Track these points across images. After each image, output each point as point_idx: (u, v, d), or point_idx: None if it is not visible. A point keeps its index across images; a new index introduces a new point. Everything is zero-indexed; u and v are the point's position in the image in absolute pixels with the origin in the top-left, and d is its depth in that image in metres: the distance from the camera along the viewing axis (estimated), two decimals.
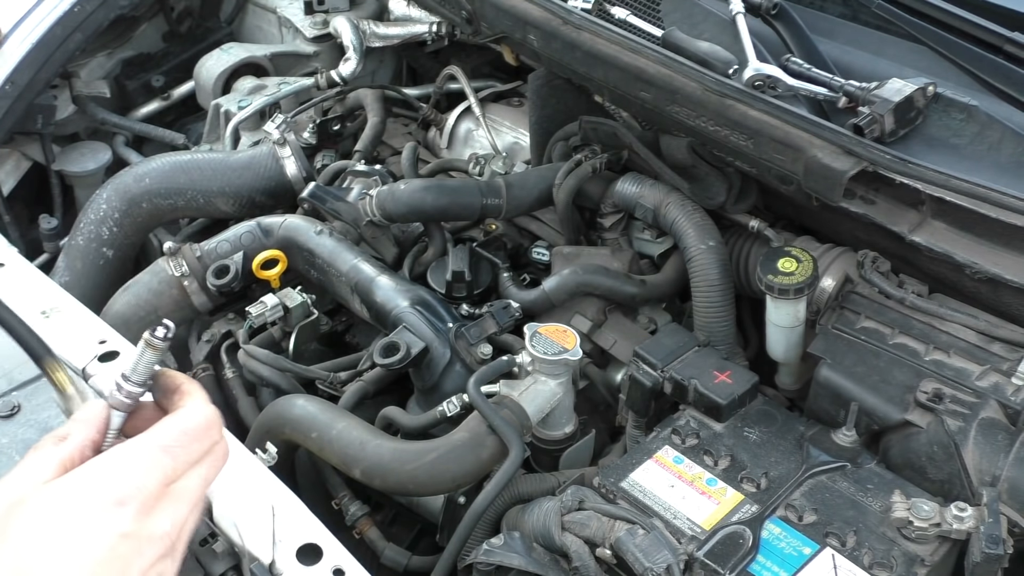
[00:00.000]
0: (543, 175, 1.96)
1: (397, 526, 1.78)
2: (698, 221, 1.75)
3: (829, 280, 1.62)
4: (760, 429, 1.47)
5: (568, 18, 1.75)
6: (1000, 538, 1.22)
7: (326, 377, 1.77)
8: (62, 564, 0.69)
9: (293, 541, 1.23)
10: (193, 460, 0.78)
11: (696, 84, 1.58)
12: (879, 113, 1.46)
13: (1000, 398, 1.40)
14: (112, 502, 0.72)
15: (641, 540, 1.28)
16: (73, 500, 0.71)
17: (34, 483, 0.73)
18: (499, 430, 1.46)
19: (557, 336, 1.55)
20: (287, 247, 1.94)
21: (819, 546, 1.28)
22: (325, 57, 2.67)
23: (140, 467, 0.74)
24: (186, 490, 0.77)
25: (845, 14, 1.85)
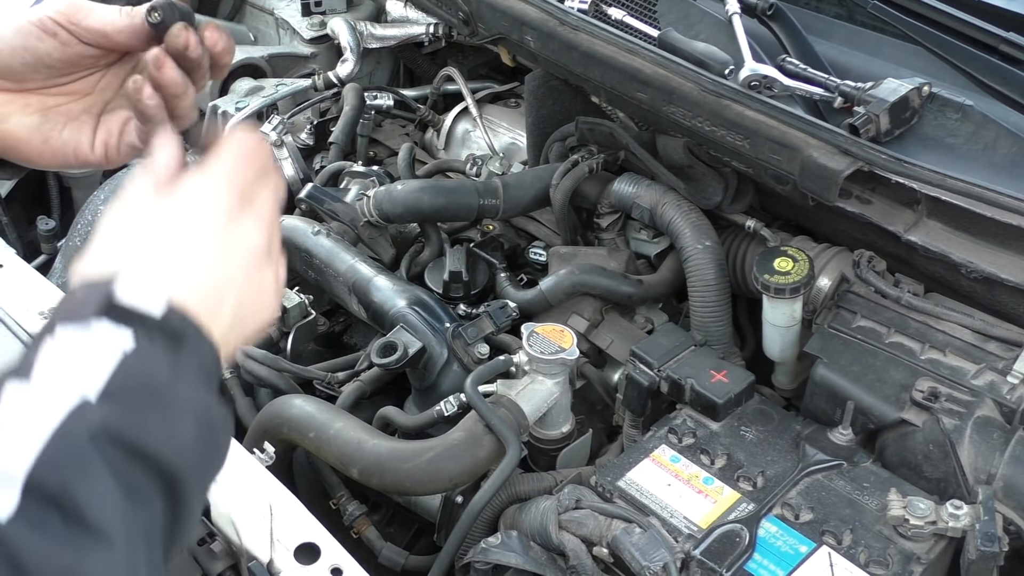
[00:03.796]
0: (540, 175, 1.97)
1: (395, 525, 1.78)
2: (694, 221, 1.75)
3: (825, 280, 1.62)
4: (757, 428, 1.48)
5: (565, 19, 1.75)
6: (995, 536, 1.22)
7: (324, 377, 1.77)
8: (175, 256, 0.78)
9: (291, 540, 1.24)
10: (255, 168, 0.87)
11: (692, 84, 1.58)
12: (875, 113, 1.46)
13: (996, 397, 1.40)
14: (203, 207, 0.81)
15: (638, 539, 1.29)
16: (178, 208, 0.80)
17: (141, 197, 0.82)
18: (496, 429, 1.46)
19: (554, 336, 1.55)
20: (284, 247, 1.92)
21: (815, 544, 1.29)
22: (322, 58, 2.67)
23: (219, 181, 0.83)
24: (259, 204, 0.86)
25: (841, 14, 1.85)
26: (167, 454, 0.70)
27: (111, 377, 0.69)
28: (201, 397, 0.74)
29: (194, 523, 0.77)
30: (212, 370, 0.77)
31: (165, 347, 0.72)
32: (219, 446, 0.78)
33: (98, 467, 0.67)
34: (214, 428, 0.76)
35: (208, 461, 0.76)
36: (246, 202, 0.84)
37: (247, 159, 0.86)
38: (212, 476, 0.79)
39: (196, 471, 0.73)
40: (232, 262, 0.81)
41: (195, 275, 0.78)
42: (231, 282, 0.80)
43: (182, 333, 0.74)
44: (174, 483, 0.71)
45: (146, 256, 0.77)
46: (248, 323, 0.83)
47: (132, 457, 0.68)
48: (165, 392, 0.71)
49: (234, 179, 0.84)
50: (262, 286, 0.84)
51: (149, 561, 0.70)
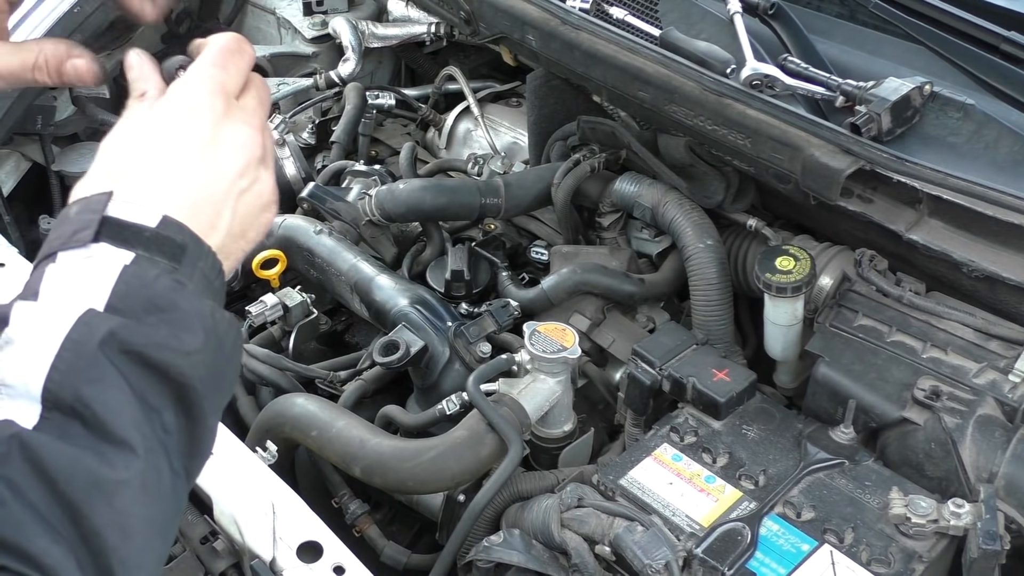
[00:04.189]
0: (541, 175, 1.97)
1: (397, 524, 1.78)
2: (696, 220, 1.76)
3: (827, 278, 1.62)
4: (758, 427, 1.48)
5: (566, 18, 1.75)
6: (997, 534, 1.22)
7: (326, 376, 1.77)
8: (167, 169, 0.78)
9: (293, 539, 1.24)
10: (241, 70, 0.86)
11: (694, 84, 1.58)
12: (876, 112, 1.47)
13: (997, 395, 1.40)
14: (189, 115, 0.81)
15: (640, 537, 1.29)
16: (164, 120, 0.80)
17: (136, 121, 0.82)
18: (498, 428, 1.46)
19: (556, 335, 1.55)
20: (287, 247, 1.94)
21: (817, 543, 1.29)
22: (324, 58, 2.68)
23: (204, 86, 0.82)
24: (247, 106, 0.85)
25: (842, 14, 1.85)
26: (177, 364, 0.71)
27: (113, 289, 0.70)
28: (207, 307, 0.75)
29: (212, 436, 0.78)
30: (215, 280, 0.78)
31: (165, 258, 0.73)
32: (230, 355, 0.78)
33: (112, 377, 0.68)
34: (223, 338, 0.76)
35: (220, 371, 0.76)
36: (233, 104, 0.83)
37: (229, 59, 0.85)
38: (227, 387, 0.80)
39: (208, 381, 0.74)
40: (225, 169, 0.80)
41: (187, 185, 0.78)
42: (227, 190, 0.80)
43: (181, 244, 0.74)
44: (186, 393, 0.72)
45: (137, 172, 0.77)
46: (249, 230, 0.83)
47: (142, 367, 0.70)
48: (169, 303, 0.72)
49: (218, 81, 0.83)
50: (260, 189, 0.84)
51: (172, 470, 0.72)
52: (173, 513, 0.74)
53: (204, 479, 1.34)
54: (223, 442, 1.39)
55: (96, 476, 0.66)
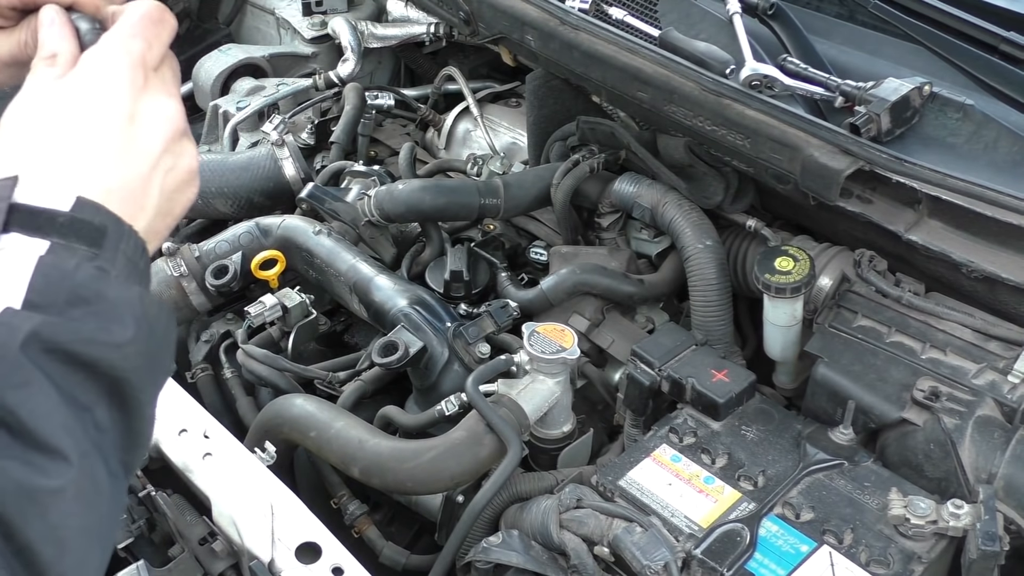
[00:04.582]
0: (541, 175, 1.97)
1: (396, 525, 1.78)
2: (695, 220, 1.76)
3: (826, 279, 1.62)
4: (757, 427, 1.48)
5: (566, 18, 1.75)
6: (996, 535, 1.22)
7: (325, 377, 1.77)
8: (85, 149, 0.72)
9: (292, 540, 1.24)
10: (163, 42, 0.81)
11: (693, 84, 1.58)
12: (875, 112, 1.46)
13: (996, 396, 1.40)
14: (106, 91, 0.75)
15: (639, 538, 1.29)
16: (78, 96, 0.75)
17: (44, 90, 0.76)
18: (497, 429, 1.46)
19: (555, 335, 1.55)
20: (286, 247, 1.94)
21: (816, 544, 1.29)
22: (323, 58, 2.68)
23: (121, 58, 0.77)
24: (166, 78, 0.80)
25: (842, 14, 1.85)
26: (108, 358, 0.67)
27: (31, 283, 0.65)
28: (135, 293, 0.70)
29: (150, 426, 0.73)
30: (140, 261, 0.73)
31: (83, 244, 0.68)
32: (163, 340, 0.74)
33: (38, 380, 0.64)
34: (155, 323, 0.72)
35: (155, 359, 0.72)
36: (152, 76, 0.79)
37: (151, 30, 0.80)
38: (162, 373, 0.75)
39: (143, 371, 0.70)
40: (150, 146, 0.76)
41: (107, 165, 0.73)
42: (152, 167, 0.76)
43: (100, 227, 0.70)
44: (120, 387, 0.68)
45: (46, 151, 0.72)
46: (176, 205, 0.79)
47: (70, 365, 0.65)
48: (94, 293, 0.67)
49: (138, 54, 0.78)
50: (185, 163, 0.79)
51: (109, 471, 0.67)
52: (111, 518, 0.70)
53: (203, 480, 1.34)
54: (222, 442, 1.39)
55: (27, 488, 0.62)
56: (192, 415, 1.44)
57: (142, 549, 1.35)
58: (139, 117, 0.76)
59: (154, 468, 1.41)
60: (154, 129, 0.77)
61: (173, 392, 1.48)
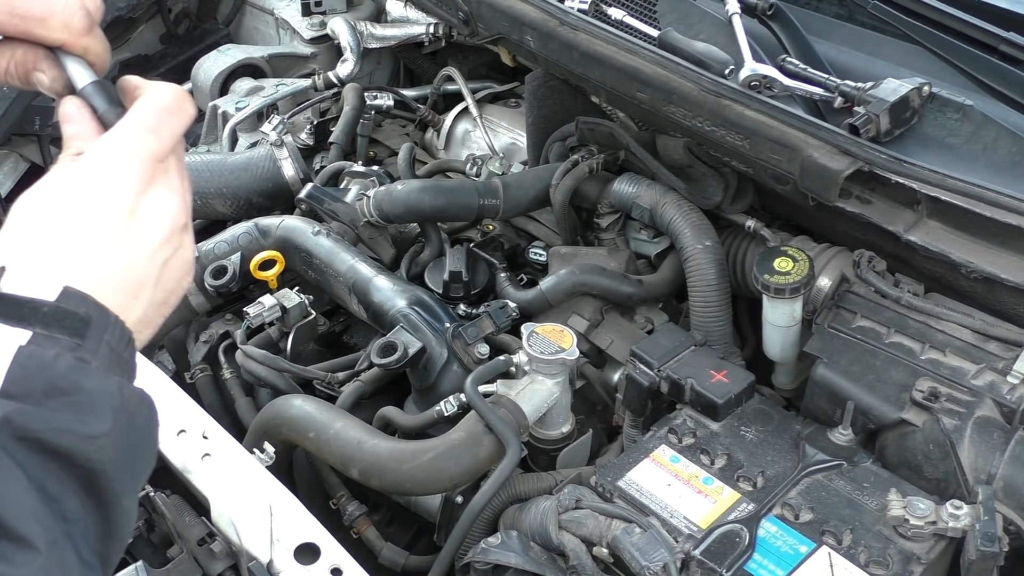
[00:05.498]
0: (540, 176, 1.97)
1: (395, 526, 1.78)
2: (694, 221, 1.75)
3: (825, 279, 1.62)
4: (757, 428, 1.47)
5: (565, 19, 1.75)
6: (996, 536, 1.22)
7: (324, 377, 1.77)
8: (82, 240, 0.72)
9: (291, 541, 1.24)
10: (175, 134, 0.80)
11: (692, 84, 1.58)
12: (875, 113, 1.46)
13: (996, 397, 1.40)
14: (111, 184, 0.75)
15: (638, 539, 1.29)
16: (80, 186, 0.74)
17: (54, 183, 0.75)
18: (496, 429, 1.46)
19: (554, 336, 1.55)
20: (285, 248, 1.94)
21: (815, 544, 1.29)
22: (322, 58, 2.68)
23: (131, 150, 0.76)
24: (171, 169, 0.80)
25: (841, 14, 1.85)
26: (82, 449, 0.66)
27: (8, 373, 0.65)
28: (113, 384, 0.70)
29: (130, 518, 0.73)
30: (124, 351, 0.72)
31: (66, 334, 0.68)
32: (143, 432, 0.73)
33: (7, 467, 0.63)
34: (134, 415, 0.71)
35: (133, 450, 0.71)
36: (159, 169, 0.78)
37: (165, 121, 0.79)
38: (142, 464, 0.74)
39: (120, 464, 0.69)
40: (148, 240, 0.76)
41: (101, 256, 0.73)
42: (149, 260, 0.76)
43: (84, 317, 0.69)
44: (94, 479, 0.67)
45: (38, 240, 0.72)
46: (171, 296, 0.79)
47: (41, 454, 0.65)
48: (71, 384, 0.67)
49: (148, 148, 0.77)
50: (182, 255, 0.79)
51: (82, 560, 0.67)
52: None
53: (202, 480, 1.34)
54: (221, 443, 1.39)
55: None
56: (191, 416, 1.43)
57: (141, 550, 1.35)
58: (140, 212, 0.76)
59: (153, 468, 1.41)
60: (154, 224, 0.76)
61: (172, 392, 1.48)
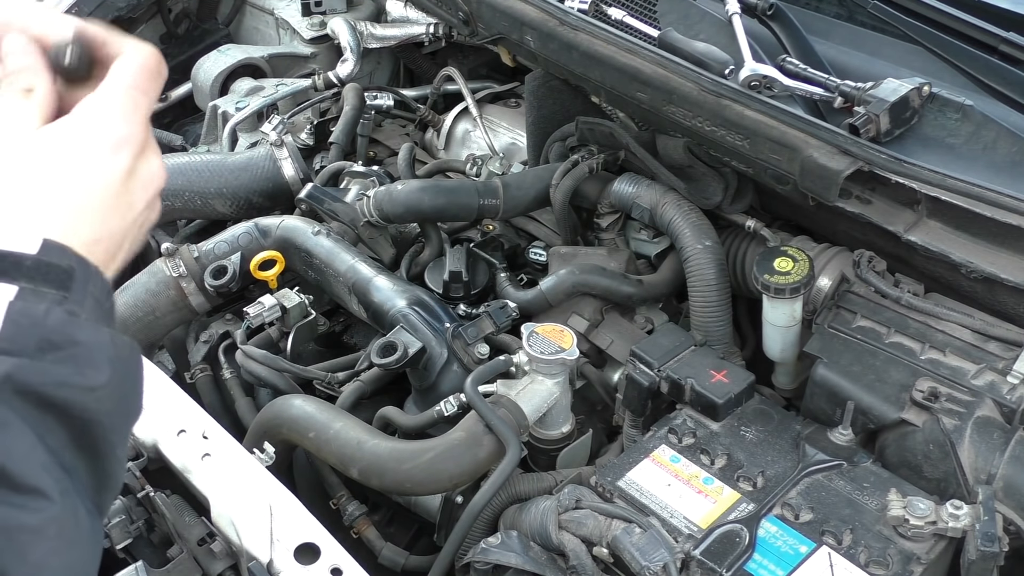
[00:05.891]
0: (540, 176, 1.97)
1: (395, 526, 1.78)
2: (694, 221, 1.75)
3: (825, 279, 1.62)
4: (757, 428, 1.48)
5: (565, 19, 1.75)
6: (996, 536, 1.22)
7: (324, 377, 1.77)
8: (78, 200, 0.72)
9: (291, 541, 1.24)
10: (157, 96, 0.80)
11: (692, 84, 1.58)
12: (875, 113, 1.46)
13: (996, 397, 1.40)
14: (112, 146, 0.75)
15: (638, 539, 1.29)
16: (77, 145, 0.74)
17: (25, 130, 0.74)
18: (496, 429, 1.46)
19: (554, 336, 1.55)
20: (285, 248, 1.94)
21: (815, 544, 1.29)
22: (322, 58, 2.68)
23: (128, 112, 0.76)
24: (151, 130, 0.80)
25: (841, 14, 1.85)
26: (81, 402, 0.67)
27: (1, 329, 0.65)
28: (106, 335, 0.70)
29: (122, 466, 0.73)
30: (106, 301, 0.73)
31: (52, 287, 0.68)
32: (135, 381, 0.74)
33: (13, 421, 0.64)
34: (127, 364, 0.72)
35: (127, 400, 0.72)
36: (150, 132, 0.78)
37: (152, 83, 0.79)
38: (134, 413, 0.75)
39: (115, 414, 0.70)
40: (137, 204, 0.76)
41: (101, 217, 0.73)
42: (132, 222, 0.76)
43: (67, 269, 0.69)
44: (89, 429, 0.68)
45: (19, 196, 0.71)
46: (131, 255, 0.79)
47: (39, 407, 0.65)
48: (65, 338, 0.67)
49: (144, 111, 0.77)
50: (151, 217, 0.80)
51: (87, 510, 0.67)
52: (92, 555, 0.69)
53: (202, 480, 1.34)
54: (221, 443, 1.39)
55: (6, 528, 0.62)
56: (191, 416, 1.43)
57: (141, 550, 1.35)
58: (137, 174, 0.76)
59: (153, 469, 1.41)
60: (145, 187, 0.77)
61: (172, 392, 1.48)
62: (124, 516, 1.33)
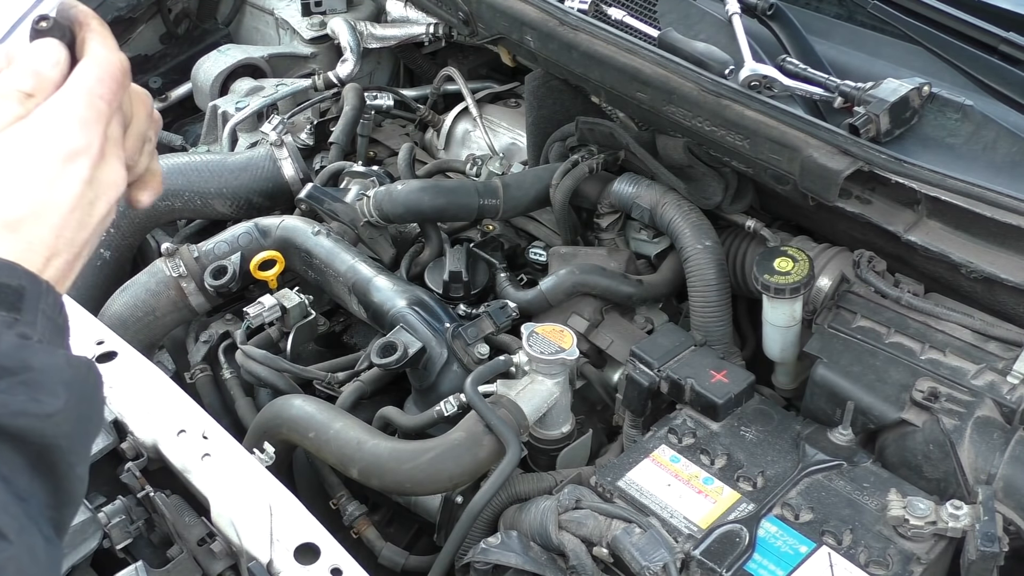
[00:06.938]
0: (540, 176, 1.97)
1: (395, 526, 1.78)
2: (694, 221, 1.75)
3: (825, 280, 1.62)
4: (756, 428, 1.48)
5: (565, 19, 1.75)
6: (995, 536, 1.22)
7: (324, 377, 1.77)
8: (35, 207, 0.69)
9: (291, 541, 1.24)
10: (118, 104, 0.78)
11: (692, 84, 1.58)
12: (875, 113, 1.46)
13: (995, 397, 1.40)
14: (66, 156, 0.72)
15: (638, 539, 1.29)
16: (31, 155, 0.71)
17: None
18: (496, 429, 1.46)
19: (554, 336, 1.55)
20: (285, 248, 1.94)
21: (815, 544, 1.29)
22: (322, 58, 2.68)
23: (87, 120, 0.74)
24: (116, 137, 0.77)
25: (841, 14, 1.85)
26: (37, 428, 0.64)
27: None
28: (61, 358, 0.67)
29: (83, 482, 0.71)
30: (59, 317, 0.70)
31: (2, 309, 0.65)
32: (92, 400, 0.72)
33: None
34: (84, 385, 0.69)
35: (85, 419, 0.70)
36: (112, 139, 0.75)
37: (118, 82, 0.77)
38: (94, 429, 0.72)
39: (74, 436, 0.67)
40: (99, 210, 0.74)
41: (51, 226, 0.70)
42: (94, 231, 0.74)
43: (17, 289, 0.66)
44: (47, 454, 0.65)
45: None
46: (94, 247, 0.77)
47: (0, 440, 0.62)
48: (19, 363, 0.64)
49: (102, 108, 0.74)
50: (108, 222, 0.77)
51: (45, 539, 0.65)
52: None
53: (202, 480, 1.34)
54: (221, 443, 1.39)
55: None
56: (191, 416, 1.43)
57: (141, 550, 1.35)
58: (95, 182, 0.74)
59: (153, 469, 1.41)
60: (106, 195, 0.75)
61: (172, 392, 1.48)
62: (124, 516, 1.33)
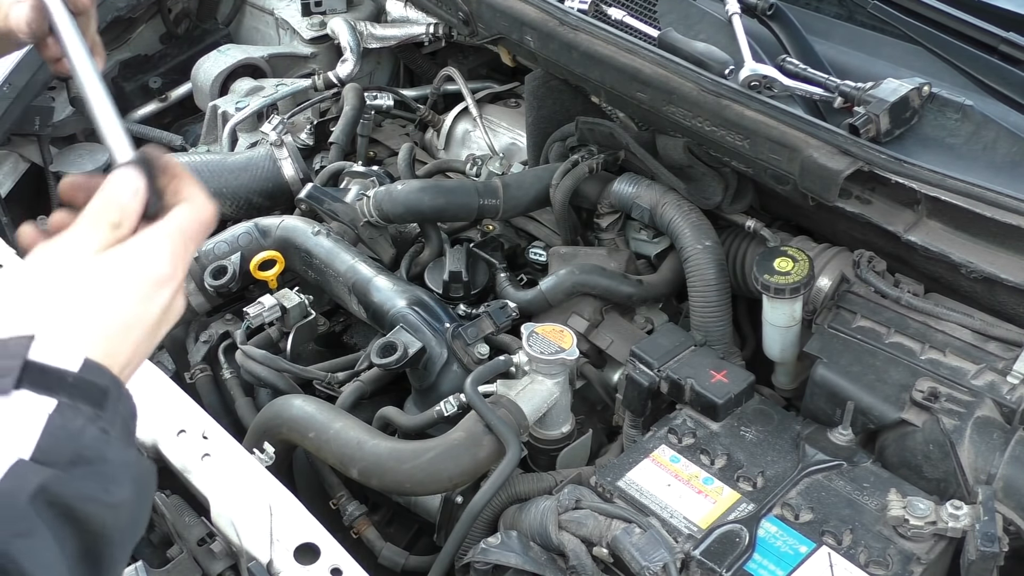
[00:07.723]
0: (540, 176, 1.97)
1: (394, 526, 1.78)
2: (694, 221, 1.75)
3: (825, 280, 1.62)
4: (756, 428, 1.47)
5: (565, 19, 1.75)
6: (995, 536, 1.22)
7: (324, 377, 1.77)
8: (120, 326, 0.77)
9: (291, 541, 1.24)
10: (201, 245, 0.87)
11: (692, 84, 1.58)
12: (875, 113, 1.47)
13: (995, 397, 1.40)
14: (158, 282, 0.79)
15: (638, 539, 1.29)
16: (130, 275, 0.78)
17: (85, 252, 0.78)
18: (496, 429, 1.46)
19: (554, 336, 1.55)
20: (285, 248, 1.94)
21: (815, 545, 1.29)
22: (322, 58, 2.68)
23: (177, 254, 0.81)
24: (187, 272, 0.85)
25: (841, 14, 1.85)
26: (100, 516, 0.69)
27: (39, 441, 0.68)
28: (132, 456, 0.74)
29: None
30: (132, 422, 0.77)
31: (88, 404, 0.71)
32: (148, 502, 0.78)
33: (41, 531, 0.66)
34: (146, 486, 0.76)
35: (139, 517, 0.76)
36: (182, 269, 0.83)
37: (207, 228, 0.84)
38: (139, 533, 0.78)
39: (125, 531, 0.73)
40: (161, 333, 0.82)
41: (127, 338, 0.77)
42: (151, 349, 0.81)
43: (103, 388, 0.73)
44: (99, 544, 0.70)
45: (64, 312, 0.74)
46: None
47: (64, 519, 0.67)
48: (97, 455, 0.70)
49: (190, 249, 0.82)
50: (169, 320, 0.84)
51: None
52: None
53: (201, 481, 1.34)
54: (221, 443, 1.39)
55: None
56: (191, 416, 1.43)
57: (140, 550, 1.35)
58: (171, 309, 0.81)
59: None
60: (172, 320, 0.83)
61: (172, 393, 1.48)
62: None
